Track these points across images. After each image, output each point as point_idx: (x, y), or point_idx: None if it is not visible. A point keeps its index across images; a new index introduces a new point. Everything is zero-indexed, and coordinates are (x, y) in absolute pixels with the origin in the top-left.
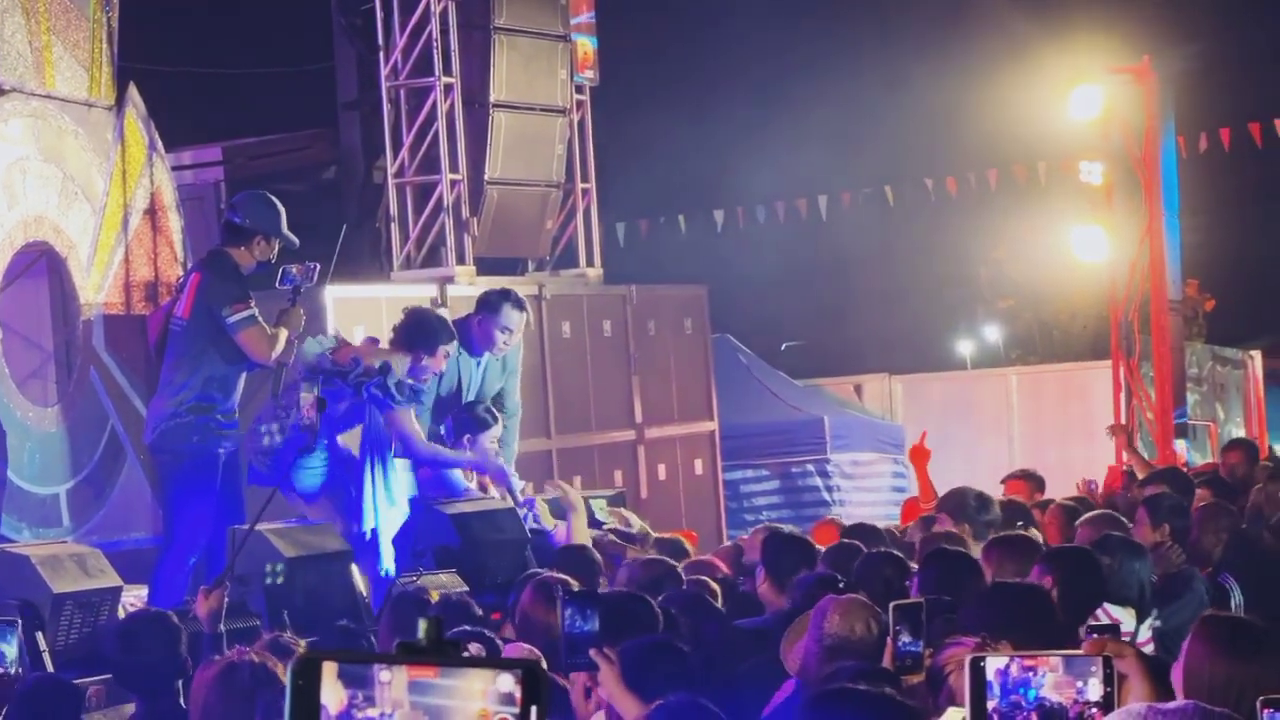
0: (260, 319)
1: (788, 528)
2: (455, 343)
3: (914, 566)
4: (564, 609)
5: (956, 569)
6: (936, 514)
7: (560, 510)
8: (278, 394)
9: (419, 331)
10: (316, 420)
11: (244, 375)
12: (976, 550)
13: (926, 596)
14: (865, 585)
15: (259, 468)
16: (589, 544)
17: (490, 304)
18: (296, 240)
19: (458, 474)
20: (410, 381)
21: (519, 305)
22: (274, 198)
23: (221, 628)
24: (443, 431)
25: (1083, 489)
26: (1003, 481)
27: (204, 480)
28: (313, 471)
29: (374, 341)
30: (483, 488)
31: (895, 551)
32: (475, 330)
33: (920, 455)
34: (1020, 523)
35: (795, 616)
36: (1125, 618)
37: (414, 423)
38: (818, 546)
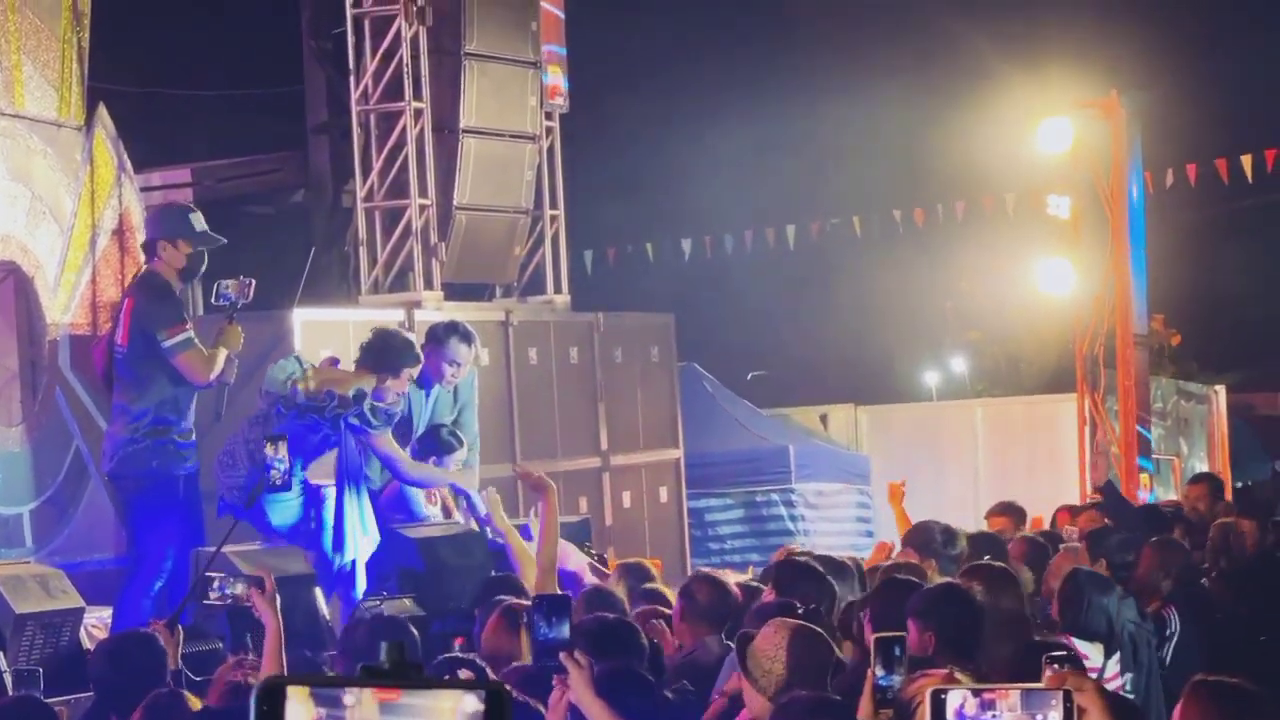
0: (197, 341)
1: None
2: (420, 365)
3: None
4: (535, 614)
5: (905, 599)
6: (903, 547)
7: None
8: (221, 415)
9: (385, 353)
10: (288, 460)
11: (196, 394)
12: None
13: (877, 626)
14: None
15: (230, 500)
16: (556, 529)
17: (437, 337)
18: (218, 237)
19: (420, 499)
20: (383, 405)
21: (466, 338)
22: (186, 205)
23: (180, 653)
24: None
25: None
26: (987, 516)
27: (166, 503)
28: (286, 505)
29: (334, 362)
30: (446, 512)
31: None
32: (424, 362)
33: (896, 494)
34: (988, 555)
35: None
36: (1093, 653)
37: (395, 445)
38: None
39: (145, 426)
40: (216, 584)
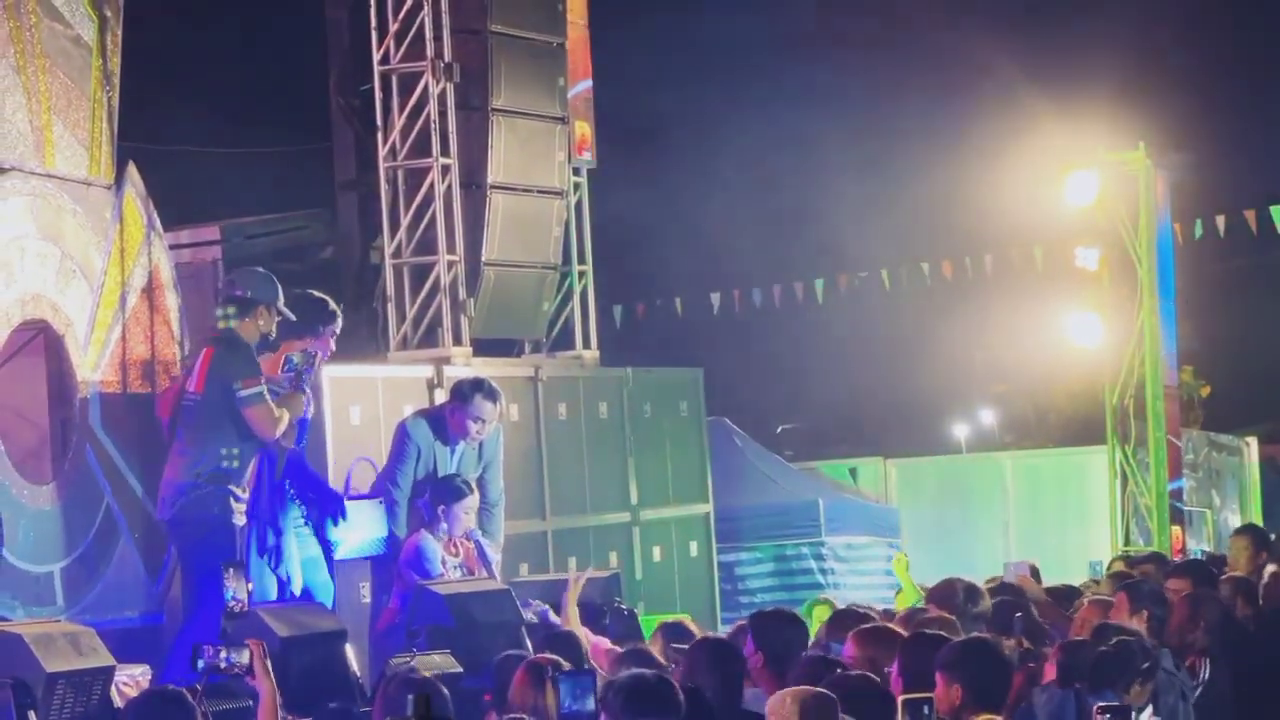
0: (268, 397)
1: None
2: (338, 323)
3: None
4: (559, 688)
5: (933, 653)
6: (926, 604)
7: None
8: (279, 475)
9: (301, 318)
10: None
11: (255, 454)
12: None
13: (906, 679)
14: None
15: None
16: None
17: (462, 394)
18: (294, 315)
19: (437, 558)
20: (295, 364)
21: (491, 395)
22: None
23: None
24: (420, 506)
25: None
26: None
27: (227, 551)
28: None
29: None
30: (468, 569)
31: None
32: (448, 418)
33: (901, 564)
34: (1019, 614)
35: None
36: None
37: (274, 418)
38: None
39: (207, 472)
40: (224, 656)
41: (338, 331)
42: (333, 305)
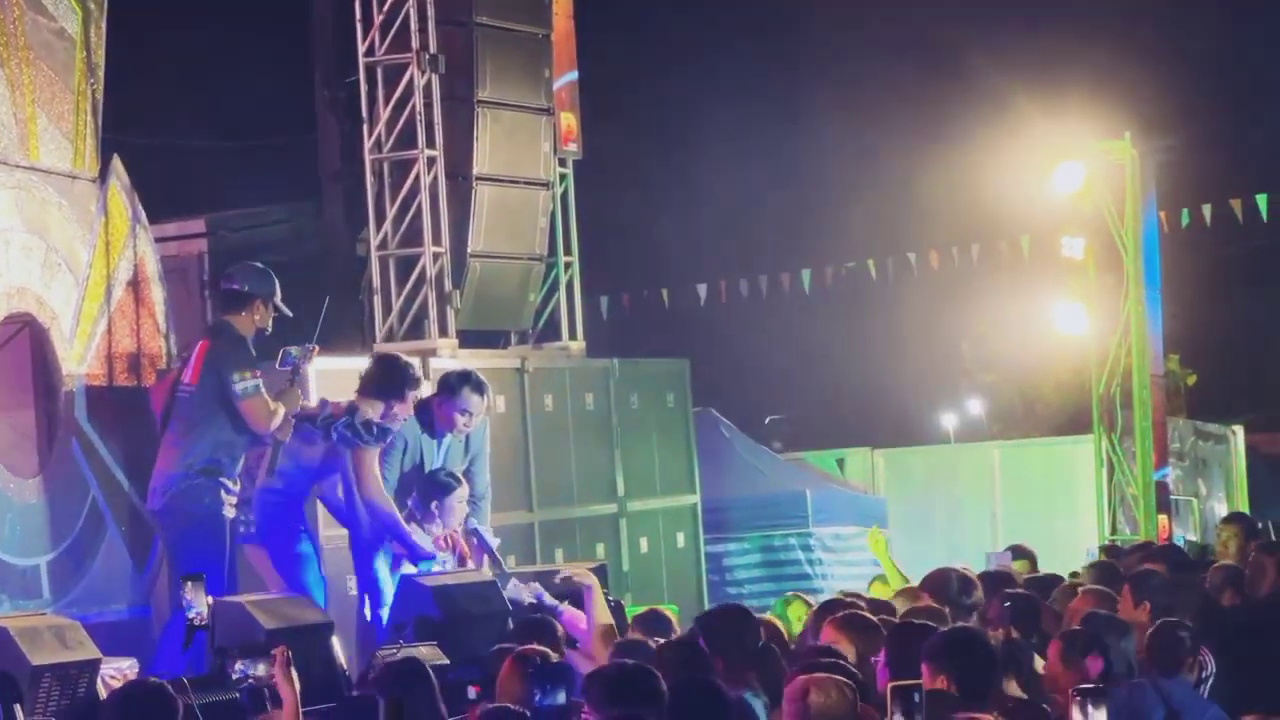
0: (264, 391)
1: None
2: (422, 386)
3: None
4: (532, 683)
5: (920, 643)
6: (920, 593)
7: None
8: (273, 471)
9: (387, 380)
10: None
11: (248, 446)
12: None
13: (893, 670)
14: None
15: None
16: (611, 621)
17: (450, 386)
18: (290, 311)
19: (426, 548)
20: (376, 420)
21: (478, 388)
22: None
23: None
24: (410, 504)
25: None
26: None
27: (216, 543)
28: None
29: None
30: (461, 559)
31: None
32: (436, 411)
33: (878, 543)
34: (1008, 604)
35: None
36: None
37: (376, 467)
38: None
39: (199, 464)
40: (239, 666)
41: (419, 396)
42: (415, 371)
